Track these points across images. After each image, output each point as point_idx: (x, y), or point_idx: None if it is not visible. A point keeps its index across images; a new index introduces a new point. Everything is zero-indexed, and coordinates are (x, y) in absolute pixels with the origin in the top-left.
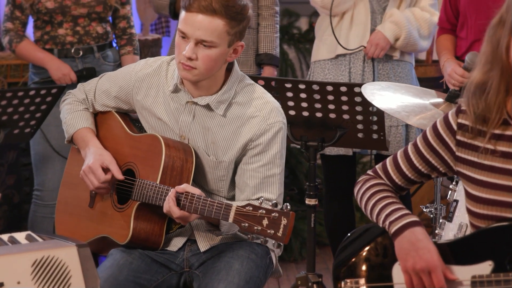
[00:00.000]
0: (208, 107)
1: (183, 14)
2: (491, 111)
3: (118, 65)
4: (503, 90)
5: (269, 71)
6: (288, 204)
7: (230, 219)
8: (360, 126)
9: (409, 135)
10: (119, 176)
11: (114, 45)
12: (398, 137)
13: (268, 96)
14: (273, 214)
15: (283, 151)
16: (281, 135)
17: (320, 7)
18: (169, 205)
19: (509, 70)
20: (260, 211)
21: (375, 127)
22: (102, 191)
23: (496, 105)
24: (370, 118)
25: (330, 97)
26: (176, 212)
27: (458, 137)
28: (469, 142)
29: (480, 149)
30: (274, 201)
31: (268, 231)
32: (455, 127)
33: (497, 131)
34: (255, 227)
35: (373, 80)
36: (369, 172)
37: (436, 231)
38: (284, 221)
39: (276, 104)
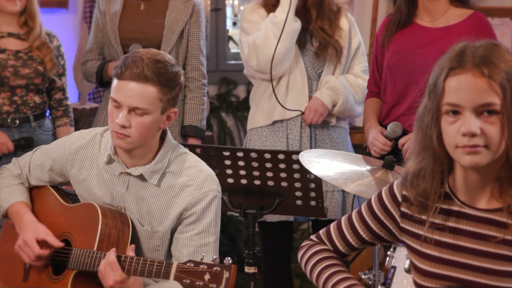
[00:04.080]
0: (141, 177)
1: (115, 82)
2: (429, 197)
3: (53, 134)
4: (438, 176)
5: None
6: (229, 258)
7: (171, 277)
8: (298, 193)
9: (346, 200)
10: (58, 244)
11: (48, 114)
12: (334, 203)
13: (202, 165)
14: (214, 268)
15: (217, 219)
16: (215, 203)
17: (256, 72)
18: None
19: (442, 156)
20: (202, 266)
21: (313, 194)
22: (39, 264)
23: (432, 191)
24: (308, 185)
25: (268, 165)
26: (118, 273)
27: (403, 209)
28: (414, 216)
29: (426, 224)
30: (215, 257)
31: (210, 285)
32: (399, 198)
33: (444, 206)
34: (197, 283)
35: (310, 146)
36: (313, 237)
37: None
38: (226, 274)
39: (210, 172)
